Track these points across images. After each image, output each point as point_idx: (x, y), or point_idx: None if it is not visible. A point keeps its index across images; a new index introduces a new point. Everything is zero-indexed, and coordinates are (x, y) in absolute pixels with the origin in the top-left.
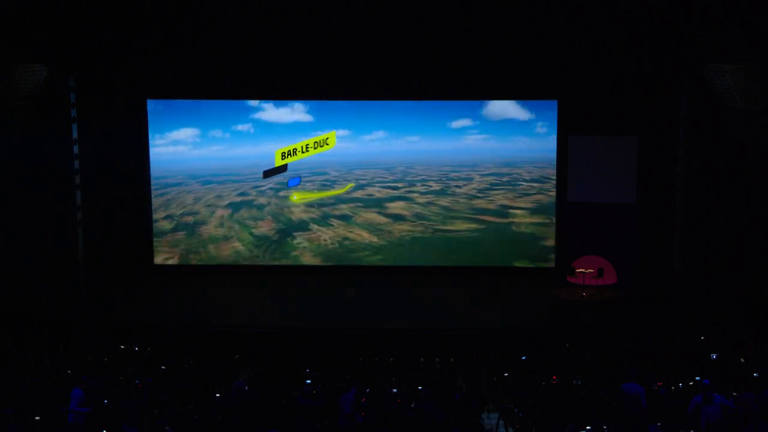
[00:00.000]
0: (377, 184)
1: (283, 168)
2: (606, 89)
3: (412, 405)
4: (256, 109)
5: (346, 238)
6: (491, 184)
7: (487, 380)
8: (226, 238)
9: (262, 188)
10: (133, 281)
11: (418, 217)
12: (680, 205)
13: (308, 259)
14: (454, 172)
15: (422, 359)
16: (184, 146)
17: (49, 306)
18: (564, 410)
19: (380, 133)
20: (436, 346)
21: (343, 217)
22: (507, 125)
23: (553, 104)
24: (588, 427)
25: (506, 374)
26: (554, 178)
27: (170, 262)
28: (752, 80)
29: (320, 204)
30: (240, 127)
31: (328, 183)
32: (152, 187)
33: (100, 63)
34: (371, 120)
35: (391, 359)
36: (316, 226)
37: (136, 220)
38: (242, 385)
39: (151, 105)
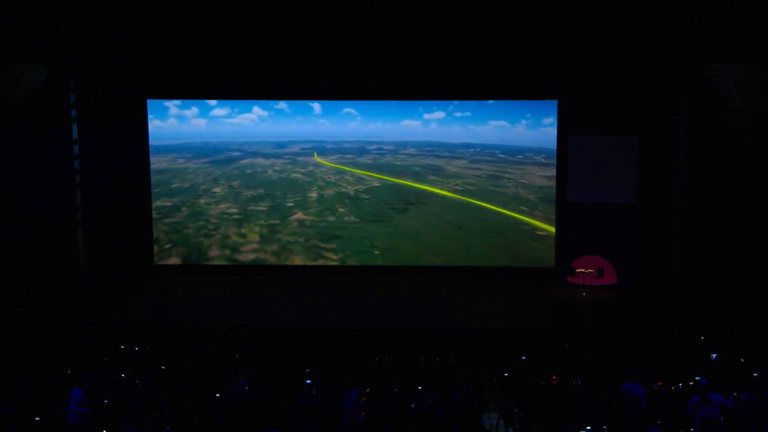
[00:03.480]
0: (374, 180)
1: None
2: (606, 89)
3: (412, 405)
4: (260, 106)
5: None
6: (491, 184)
7: (487, 380)
8: (226, 238)
9: (263, 186)
10: (133, 281)
11: (419, 216)
12: (680, 205)
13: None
14: (454, 171)
15: (422, 359)
16: (183, 144)
17: (50, 306)
18: (564, 410)
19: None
20: (436, 346)
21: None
22: (507, 124)
23: (553, 104)
24: (588, 427)
25: (506, 374)
26: (554, 178)
27: (170, 261)
28: (752, 80)
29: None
30: (242, 125)
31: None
32: (152, 187)
33: (100, 63)
34: (370, 114)
35: (391, 359)
36: (314, 239)
37: (136, 221)
38: (242, 385)
39: (151, 105)
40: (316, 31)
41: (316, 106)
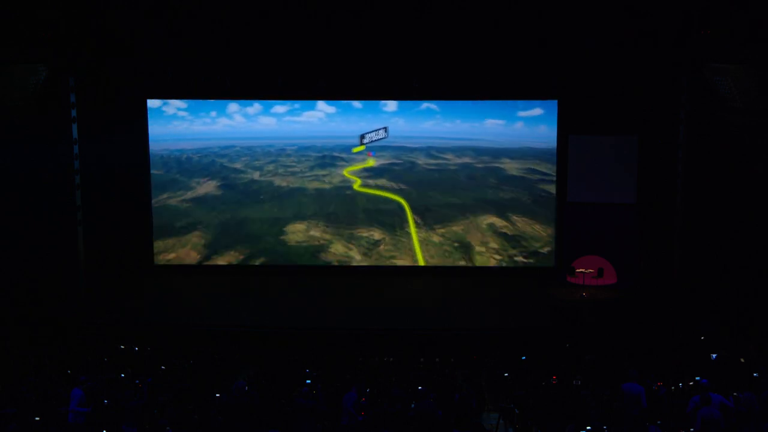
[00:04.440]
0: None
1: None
2: (606, 89)
3: (413, 405)
4: (260, 107)
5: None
6: (491, 184)
7: (487, 380)
8: (226, 237)
9: (262, 184)
10: (133, 281)
11: (418, 217)
12: (680, 205)
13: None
14: (454, 171)
15: (422, 359)
16: (183, 144)
17: (50, 306)
18: (564, 410)
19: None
20: (436, 346)
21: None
22: (506, 125)
23: (553, 104)
24: (588, 427)
25: (506, 374)
26: (554, 178)
27: (170, 261)
28: (752, 80)
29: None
30: (242, 125)
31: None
32: (152, 187)
33: (100, 63)
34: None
35: (391, 359)
36: (314, 232)
37: (136, 220)
38: (242, 385)
39: (151, 105)
40: (316, 31)
41: (391, 103)
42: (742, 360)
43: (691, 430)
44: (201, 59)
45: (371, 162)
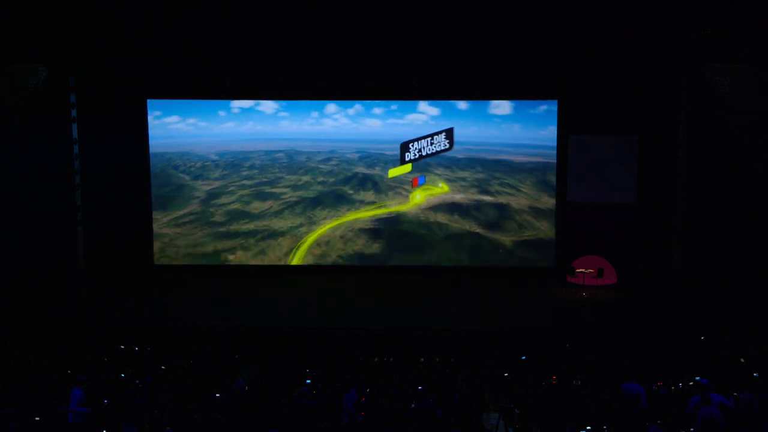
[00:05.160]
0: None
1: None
2: (606, 89)
3: (413, 405)
4: (260, 108)
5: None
6: (491, 185)
7: (487, 380)
8: (226, 238)
9: (263, 186)
10: (133, 281)
11: (418, 216)
12: (680, 205)
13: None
14: (454, 171)
15: (422, 359)
16: (183, 144)
17: (50, 306)
18: (564, 410)
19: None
20: (436, 346)
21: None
22: (506, 125)
23: (553, 104)
24: (588, 427)
25: (506, 374)
26: (554, 178)
27: (170, 261)
28: (752, 80)
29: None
30: (242, 125)
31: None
32: (152, 187)
33: (100, 63)
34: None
35: (391, 359)
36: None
37: (136, 220)
38: (242, 385)
39: (151, 105)
40: (316, 31)
41: (504, 104)
42: (742, 360)
43: (691, 430)
44: (201, 59)
45: (417, 198)
